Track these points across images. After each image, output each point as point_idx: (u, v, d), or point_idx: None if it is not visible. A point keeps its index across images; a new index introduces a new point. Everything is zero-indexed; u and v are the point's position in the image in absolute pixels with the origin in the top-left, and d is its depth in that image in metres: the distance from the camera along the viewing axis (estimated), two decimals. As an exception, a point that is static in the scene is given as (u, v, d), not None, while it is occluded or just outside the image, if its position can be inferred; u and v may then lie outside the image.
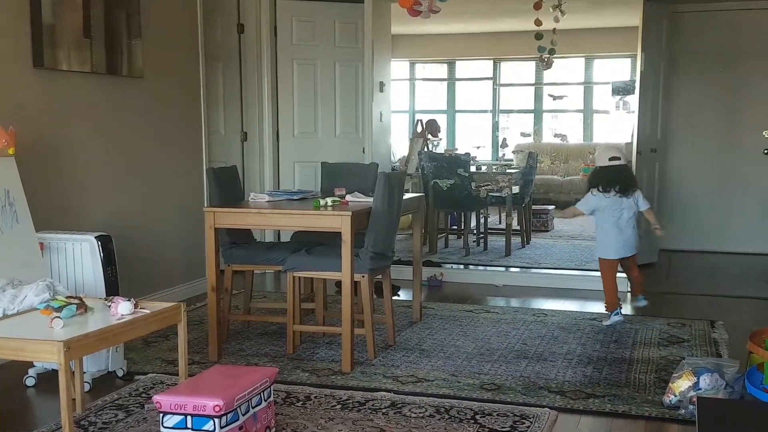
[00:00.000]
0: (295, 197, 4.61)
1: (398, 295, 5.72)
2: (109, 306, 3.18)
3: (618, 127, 10.87)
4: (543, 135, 11.80)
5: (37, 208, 3.95)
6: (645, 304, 5.27)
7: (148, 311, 3.19)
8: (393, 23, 7.09)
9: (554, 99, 11.64)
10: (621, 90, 10.75)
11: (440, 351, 4.44)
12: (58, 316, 3.00)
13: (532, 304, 5.65)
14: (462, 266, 6.97)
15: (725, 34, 7.63)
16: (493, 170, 8.70)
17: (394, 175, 4.39)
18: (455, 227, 8.36)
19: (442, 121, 10.99)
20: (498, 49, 11.48)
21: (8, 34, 4.22)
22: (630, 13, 7.26)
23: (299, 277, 4.40)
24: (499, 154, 11.19)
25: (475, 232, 8.01)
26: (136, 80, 5.19)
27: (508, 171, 8.37)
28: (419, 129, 8.67)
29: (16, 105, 4.25)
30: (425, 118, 9.20)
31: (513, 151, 10.95)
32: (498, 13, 9.61)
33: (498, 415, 3.45)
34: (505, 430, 3.29)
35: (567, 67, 11.17)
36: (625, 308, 5.33)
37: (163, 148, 5.53)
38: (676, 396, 3.50)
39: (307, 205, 4.30)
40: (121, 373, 4.00)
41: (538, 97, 11.86)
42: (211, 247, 4.28)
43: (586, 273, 6.41)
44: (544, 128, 11.85)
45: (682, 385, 3.49)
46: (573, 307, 5.55)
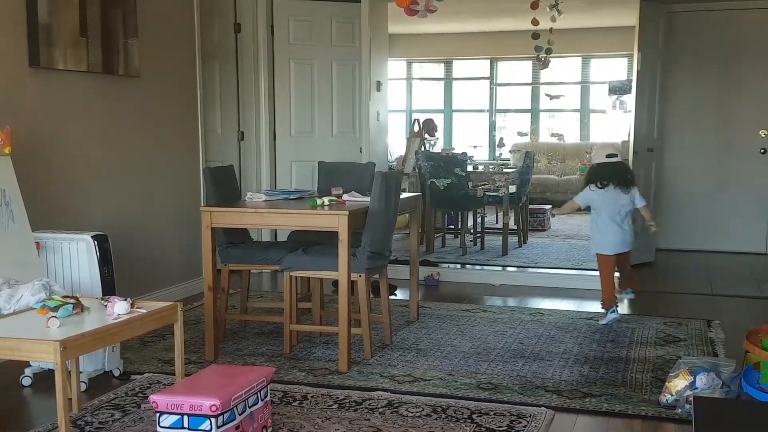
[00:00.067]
0: (292, 197, 4.61)
1: (395, 295, 5.72)
2: (106, 306, 3.18)
3: (615, 127, 10.89)
4: (540, 134, 11.82)
5: (33, 207, 3.95)
6: (632, 297, 5.32)
7: (145, 311, 3.18)
8: (390, 22, 7.09)
9: (551, 98, 11.65)
10: (618, 89, 10.77)
11: (437, 350, 4.44)
12: (55, 316, 3.00)
13: (529, 304, 5.66)
14: (459, 266, 6.96)
15: (721, 33, 7.64)
16: (490, 170, 8.70)
17: (391, 174, 4.39)
18: (452, 227, 8.37)
19: (439, 120, 10.99)
20: (495, 49, 11.49)
21: (4, 33, 4.21)
22: (626, 13, 7.28)
23: (296, 277, 4.40)
24: (496, 154, 11.21)
25: (472, 231, 8.02)
26: (133, 80, 5.18)
27: (505, 170, 8.37)
28: (416, 128, 8.67)
29: (12, 104, 4.25)
30: (422, 117, 9.19)
31: (510, 151, 10.96)
32: (495, 13, 9.62)
33: (495, 414, 3.46)
34: (501, 429, 3.29)
35: (564, 67, 11.19)
36: (621, 307, 5.34)
37: (159, 148, 5.53)
38: (672, 395, 3.50)
39: (304, 205, 4.29)
40: (117, 373, 3.99)
41: (535, 97, 11.87)
42: (207, 246, 4.27)
43: (582, 272, 6.42)
44: (541, 128, 11.87)
45: (678, 384, 3.49)
46: (570, 306, 5.55)
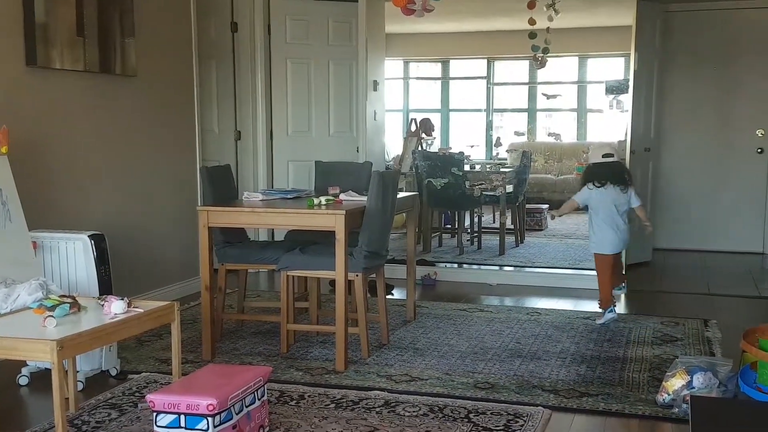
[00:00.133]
0: (289, 196, 4.61)
1: (392, 294, 5.72)
2: (103, 305, 3.18)
3: (611, 126, 10.89)
4: (537, 134, 11.82)
5: (30, 206, 3.94)
6: (624, 291, 5.37)
7: (142, 310, 3.18)
8: (387, 22, 7.08)
9: (548, 98, 11.65)
10: (614, 89, 10.77)
11: (434, 350, 4.44)
12: (51, 315, 3.00)
13: (526, 303, 5.66)
14: (456, 265, 6.96)
15: (718, 33, 7.65)
16: (487, 169, 8.71)
17: (388, 174, 4.39)
18: (449, 226, 8.37)
19: (436, 120, 10.98)
20: (492, 48, 11.49)
21: (1, 32, 4.20)
22: (623, 13, 7.28)
23: (293, 276, 4.40)
24: (493, 153, 11.19)
25: (469, 231, 8.02)
26: (130, 79, 5.18)
27: (501, 170, 8.38)
28: (413, 128, 8.67)
29: (9, 103, 4.24)
30: (419, 116, 9.20)
31: (507, 150, 10.94)
32: (492, 12, 9.62)
33: (492, 413, 3.46)
34: (498, 428, 3.29)
35: (561, 66, 11.19)
36: (618, 306, 5.35)
37: (156, 147, 5.52)
38: (669, 395, 3.51)
39: (301, 204, 4.29)
40: (114, 372, 3.99)
41: (532, 96, 11.87)
42: (204, 246, 4.27)
43: (579, 272, 6.43)
44: (538, 127, 11.87)
45: (675, 383, 3.49)
46: (567, 305, 5.55)
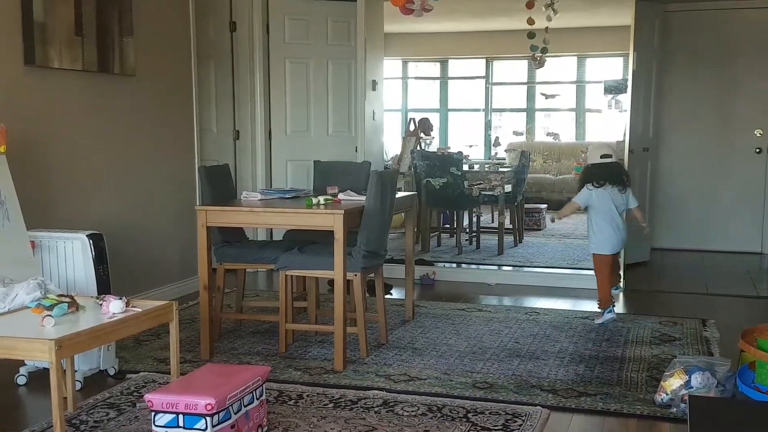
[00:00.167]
0: (288, 196, 4.61)
1: (391, 294, 5.72)
2: (101, 304, 3.17)
3: (610, 126, 10.88)
4: (535, 134, 11.80)
5: (28, 206, 3.93)
6: (619, 291, 5.43)
7: (140, 310, 3.18)
8: (386, 21, 7.08)
9: (546, 98, 11.64)
10: (613, 89, 10.76)
11: (432, 349, 4.44)
12: (50, 315, 3.00)
13: (525, 303, 5.66)
14: (454, 265, 6.97)
15: (717, 33, 7.65)
16: (486, 169, 8.70)
17: (387, 173, 4.39)
18: (448, 226, 8.36)
19: (434, 119, 10.96)
20: (490, 48, 11.48)
21: (-1, 31, 4.21)
22: (622, 12, 7.27)
23: (291, 276, 4.40)
24: (492, 153, 11.19)
25: (468, 230, 8.02)
26: (128, 78, 5.17)
27: (500, 170, 8.37)
28: (412, 127, 8.67)
29: (7, 103, 4.23)
30: (418, 116, 9.19)
31: (505, 150, 10.95)
32: (491, 12, 9.61)
33: (490, 413, 3.46)
34: (497, 428, 3.29)
35: (559, 66, 11.17)
36: (616, 306, 5.35)
37: (155, 147, 5.52)
38: (667, 394, 3.51)
39: (300, 204, 4.29)
40: (112, 372, 3.99)
41: (531, 96, 11.86)
42: (203, 245, 4.27)
43: (578, 272, 6.43)
44: (537, 127, 11.85)
45: (673, 383, 3.49)
46: (565, 305, 5.55)
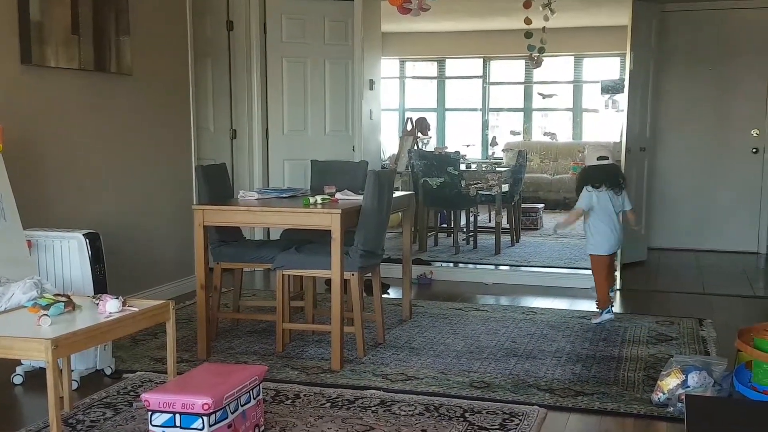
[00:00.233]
0: (285, 195, 4.61)
1: (388, 293, 5.72)
2: (97, 304, 3.17)
3: (607, 126, 10.89)
4: (532, 133, 11.82)
5: (24, 205, 3.92)
6: (612, 294, 5.41)
7: (137, 309, 3.17)
8: (383, 21, 7.08)
9: (544, 97, 11.65)
10: (610, 89, 10.77)
11: (430, 349, 4.44)
12: (46, 314, 2.99)
13: (522, 302, 5.66)
14: (451, 264, 6.97)
15: (714, 32, 7.66)
16: (483, 168, 8.70)
17: (384, 173, 4.39)
18: (445, 225, 8.37)
19: (431, 119, 10.98)
20: (488, 48, 11.48)
21: (-4, 30, 4.20)
22: (619, 12, 7.29)
23: (289, 275, 4.39)
24: (489, 153, 11.20)
25: (465, 230, 8.02)
26: (125, 77, 5.17)
27: (497, 169, 8.38)
28: (409, 127, 8.67)
29: (4, 101, 4.22)
30: (415, 116, 9.19)
31: (502, 150, 10.96)
32: (488, 12, 9.61)
33: (487, 412, 3.46)
34: (494, 427, 3.29)
35: (556, 66, 11.18)
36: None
37: (152, 146, 5.51)
38: (664, 394, 3.51)
39: (297, 203, 4.29)
40: (109, 372, 3.98)
41: (528, 96, 11.87)
42: (200, 244, 4.26)
43: (575, 271, 6.44)
44: (534, 127, 11.87)
45: (670, 382, 3.50)
46: (562, 305, 5.56)
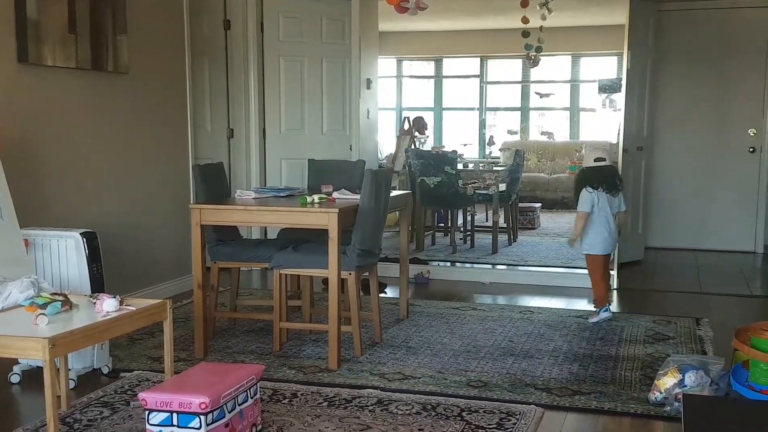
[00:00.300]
0: (282, 194, 4.60)
1: (385, 293, 5.72)
2: (95, 303, 3.16)
3: (604, 125, 10.91)
4: (530, 133, 11.83)
5: (21, 204, 3.92)
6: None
7: (134, 308, 3.17)
8: (380, 20, 7.08)
9: (541, 97, 11.66)
10: (607, 88, 10.79)
11: (427, 348, 4.44)
12: (43, 313, 2.99)
13: (519, 302, 5.66)
14: (449, 264, 6.97)
15: (712, 32, 7.66)
16: (480, 168, 8.70)
17: (381, 172, 4.39)
18: (442, 225, 8.37)
19: (429, 118, 10.97)
20: (485, 47, 11.49)
21: (-8, 29, 4.19)
22: (617, 11, 7.29)
23: (286, 275, 4.39)
24: (486, 152, 11.20)
25: (462, 229, 8.02)
26: (122, 76, 5.16)
27: (494, 168, 8.38)
28: (406, 126, 8.66)
29: (1, 100, 4.22)
30: (412, 115, 9.18)
31: (500, 149, 10.96)
32: (485, 11, 9.62)
33: (484, 412, 3.46)
34: (491, 427, 3.29)
35: (554, 65, 11.20)
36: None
37: (149, 145, 5.50)
38: (661, 393, 3.51)
39: (294, 202, 4.29)
40: (106, 371, 3.98)
41: (525, 95, 11.88)
42: (197, 244, 4.26)
43: (572, 270, 6.45)
44: (531, 126, 11.88)
45: (667, 382, 3.50)
46: (559, 304, 5.56)
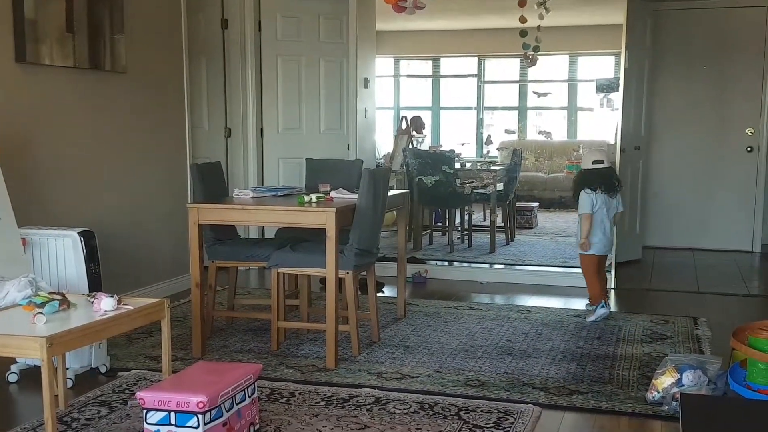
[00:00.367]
0: (280, 193, 4.60)
1: (383, 292, 5.72)
2: (92, 302, 3.16)
3: (602, 125, 10.91)
4: (527, 132, 11.83)
5: (19, 203, 3.92)
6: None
7: (132, 307, 3.17)
8: (378, 19, 7.08)
9: (538, 96, 11.67)
10: (605, 87, 10.79)
11: (424, 347, 4.45)
12: (41, 312, 2.99)
13: (516, 301, 5.67)
14: (446, 263, 6.97)
15: (709, 31, 7.67)
16: (478, 167, 8.71)
17: (379, 171, 4.39)
18: (440, 224, 8.37)
19: (426, 117, 10.98)
20: (483, 46, 11.49)
21: (-10, 27, 4.18)
22: (614, 11, 7.28)
23: (283, 274, 4.39)
24: (484, 151, 11.20)
25: (460, 229, 8.02)
26: (119, 75, 5.16)
27: (492, 168, 8.38)
28: (404, 126, 8.67)
29: (-2, 99, 4.22)
30: (410, 114, 9.19)
31: (497, 148, 10.96)
32: (483, 10, 9.62)
33: (482, 411, 3.46)
34: (489, 426, 3.29)
35: (551, 65, 11.20)
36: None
37: (146, 144, 5.50)
38: (659, 392, 3.52)
39: (292, 202, 4.29)
40: (104, 370, 3.98)
41: (523, 95, 11.88)
42: (195, 243, 4.26)
43: (569, 270, 6.44)
44: (529, 125, 11.88)
45: (665, 381, 3.50)
46: (557, 303, 5.56)
